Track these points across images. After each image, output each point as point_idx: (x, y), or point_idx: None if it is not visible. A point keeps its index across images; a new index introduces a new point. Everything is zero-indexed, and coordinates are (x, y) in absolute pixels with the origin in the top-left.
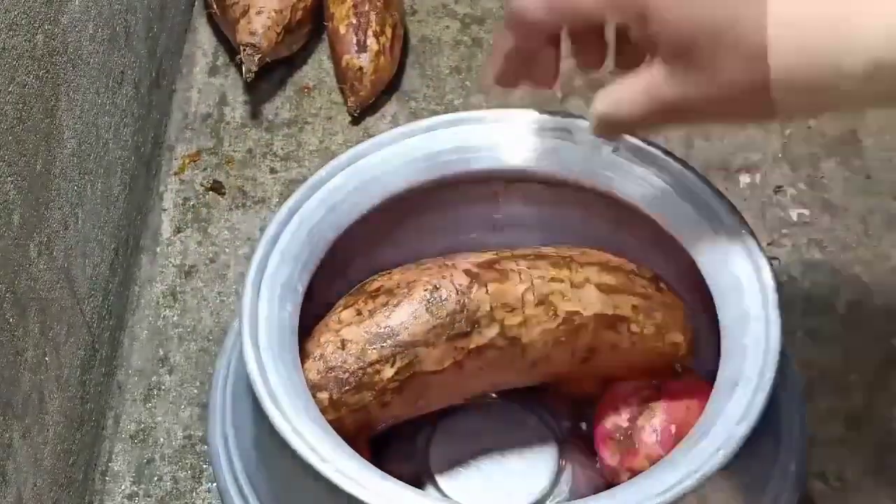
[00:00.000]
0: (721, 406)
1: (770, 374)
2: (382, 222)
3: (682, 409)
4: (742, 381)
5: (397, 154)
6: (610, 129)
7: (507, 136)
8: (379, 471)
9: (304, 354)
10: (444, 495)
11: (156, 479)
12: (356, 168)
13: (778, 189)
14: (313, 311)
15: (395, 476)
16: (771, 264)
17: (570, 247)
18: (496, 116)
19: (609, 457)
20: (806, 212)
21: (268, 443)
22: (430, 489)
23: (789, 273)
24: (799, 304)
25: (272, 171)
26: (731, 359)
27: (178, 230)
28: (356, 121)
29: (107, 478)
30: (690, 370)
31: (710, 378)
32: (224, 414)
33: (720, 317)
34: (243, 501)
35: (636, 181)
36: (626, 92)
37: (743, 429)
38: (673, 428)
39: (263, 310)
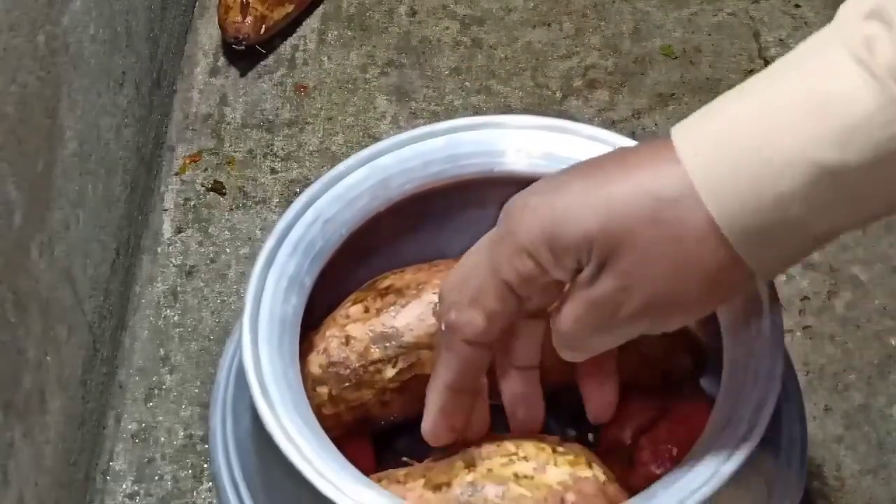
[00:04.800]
0: (713, 441)
1: (771, 406)
2: (402, 220)
3: (686, 431)
4: (734, 420)
5: (418, 153)
6: (572, 350)
7: (530, 142)
8: (360, 475)
9: (310, 347)
10: None
11: (157, 478)
12: (375, 165)
13: None
14: (330, 303)
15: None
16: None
17: None
18: (519, 122)
19: None
20: None
21: (259, 437)
22: None
23: (789, 273)
24: (797, 304)
25: (273, 171)
26: (729, 394)
27: (179, 230)
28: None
29: (108, 477)
30: (700, 392)
31: None
32: (225, 407)
33: (724, 344)
34: (236, 494)
35: None
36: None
37: (729, 468)
38: (674, 450)
39: (267, 301)
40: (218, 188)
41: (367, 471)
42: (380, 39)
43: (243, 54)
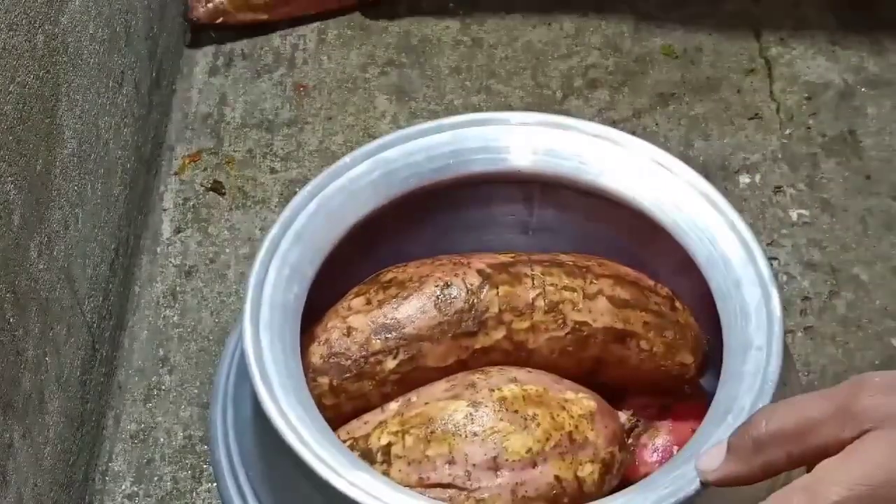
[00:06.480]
0: (711, 432)
1: (763, 405)
2: (406, 214)
3: (687, 430)
4: (735, 410)
5: (423, 148)
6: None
7: (535, 138)
8: (357, 459)
9: (312, 337)
10: None
11: (156, 479)
12: (380, 158)
13: (777, 189)
14: (333, 298)
15: None
16: (779, 285)
17: (590, 256)
18: (524, 119)
19: None
20: (805, 212)
21: (258, 420)
22: None
23: (789, 273)
24: (798, 304)
25: (272, 171)
26: (728, 385)
27: (179, 230)
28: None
29: (107, 478)
30: (701, 392)
31: None
32: (226, 395)
33: (724, 342)
34: (232, 472)
35: (671, 204)
36: None
37: None
38: (675, 449)
39: (269, 289)
40: (217, 188)
41: None
42: (380, 39)
43: (243, 54)
